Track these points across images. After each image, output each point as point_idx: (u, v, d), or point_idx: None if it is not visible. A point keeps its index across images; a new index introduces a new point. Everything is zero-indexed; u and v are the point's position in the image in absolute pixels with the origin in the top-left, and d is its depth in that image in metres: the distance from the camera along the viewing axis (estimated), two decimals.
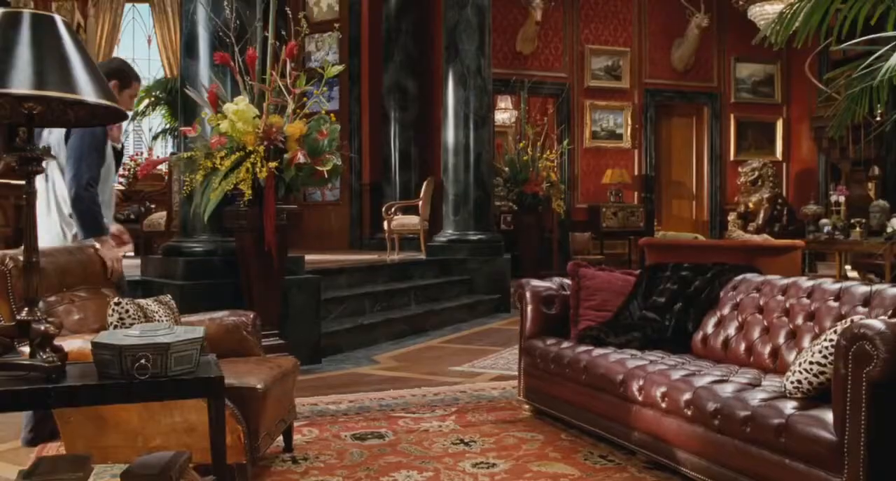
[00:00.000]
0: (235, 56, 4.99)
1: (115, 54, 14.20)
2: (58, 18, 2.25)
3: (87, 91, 2.18)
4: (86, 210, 3.79)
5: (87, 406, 2.70)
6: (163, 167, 10.38)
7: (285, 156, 4.82)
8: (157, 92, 13.54)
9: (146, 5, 14.76)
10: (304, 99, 5.07)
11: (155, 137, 14.28)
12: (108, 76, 3.51)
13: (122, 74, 4.05)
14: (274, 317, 5.16)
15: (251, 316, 3.70)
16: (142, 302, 3.17)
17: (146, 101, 13.61)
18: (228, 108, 4.80)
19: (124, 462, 2.91)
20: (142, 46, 15.65)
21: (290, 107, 4.94)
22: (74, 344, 2.78)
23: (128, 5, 14.58)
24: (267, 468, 3.35)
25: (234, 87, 5.16)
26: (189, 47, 5.60)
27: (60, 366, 2.23)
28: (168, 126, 13.61)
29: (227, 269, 5.35)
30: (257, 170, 4.73)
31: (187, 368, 2.30)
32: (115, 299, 3.07)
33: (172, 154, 8.00)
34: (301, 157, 4.75)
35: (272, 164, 4.75)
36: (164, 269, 5.72)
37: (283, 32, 5.31)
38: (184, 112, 5.75)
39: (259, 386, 3.05)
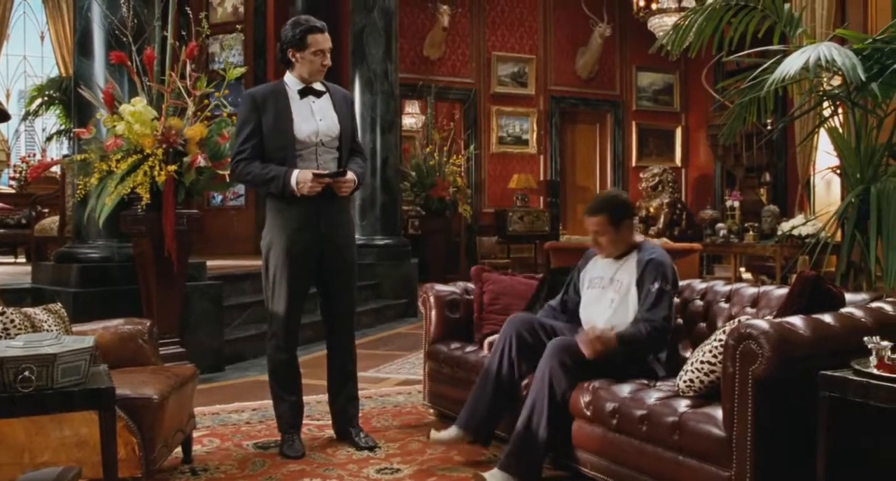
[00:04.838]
0: (133, 56, 4.83)
1: (3, 51, 13.56)
2: None
3: None
4: None
5: None
6: (56, 169, 9.96)
7: (185, 159, 4.70)
8: (51, 91, 12.98)
9: None
10: (206, 101, 4.95)
11: (48, 139, 13.69)
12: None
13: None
14: (174, 324, 5.01)
15: (148, 323, 3.59)
16: (29, 311, 3.04)
17: (38, 101, 13.05)
18: (125, 109, 4.65)
19: (9, 480, 2.78)
20: (34, 43, 14.98)
21: (191, 109, 4.82)
22: None
23: None
24: None
25: (132, 88, 5.00)
26: (83, 45, 5.39)
27: None
28: (62, 127, 13.08)
29: (125, 276, 5.17)
30: (155, 173, 4.59)
31: (75, 380, 2.22)
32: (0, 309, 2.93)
33: (66, 156, 7.68)
34: (201, 161, 4.64)
35: (171, 168, 4.62)
36: (56, 276, 5.49)
37: (184, 33, 5.18)
38: (78, 113, 5.53)
39: (154, 396, 2.96)
